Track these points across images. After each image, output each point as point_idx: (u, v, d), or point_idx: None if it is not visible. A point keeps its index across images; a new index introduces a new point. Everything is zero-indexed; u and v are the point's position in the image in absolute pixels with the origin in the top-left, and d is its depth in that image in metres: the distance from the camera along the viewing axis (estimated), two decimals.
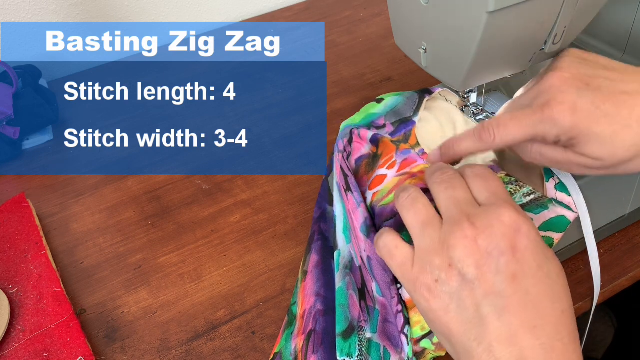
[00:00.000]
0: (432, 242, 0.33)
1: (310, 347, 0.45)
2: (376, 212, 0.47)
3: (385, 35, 0.89)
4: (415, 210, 0.35)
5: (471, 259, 0.31)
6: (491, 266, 0.31)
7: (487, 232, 0.32)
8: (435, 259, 0.33)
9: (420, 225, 0.35)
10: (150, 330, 0.50)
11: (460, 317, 0.32)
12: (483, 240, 0.32)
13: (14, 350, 0.48)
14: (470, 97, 0.52)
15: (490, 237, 0.32)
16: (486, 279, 0.31)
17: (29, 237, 0.58)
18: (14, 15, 0.83)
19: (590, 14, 0.48)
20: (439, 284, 0.32)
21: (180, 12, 0.95)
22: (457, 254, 0.32)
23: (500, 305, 0.31)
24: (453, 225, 0.33)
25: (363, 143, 0.53)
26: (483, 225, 0.32)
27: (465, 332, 0.31)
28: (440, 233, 0.33)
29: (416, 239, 0.35)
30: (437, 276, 0.32)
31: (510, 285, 0.31)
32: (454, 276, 0.32)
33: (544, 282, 0.31)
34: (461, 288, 0.32)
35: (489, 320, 0.31)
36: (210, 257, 0.57)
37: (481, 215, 0.33)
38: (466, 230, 0.32)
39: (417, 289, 0.33)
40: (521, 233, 0.32)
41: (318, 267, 0.50)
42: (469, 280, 0.31)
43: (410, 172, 0.48)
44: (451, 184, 0.36)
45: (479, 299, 0.31)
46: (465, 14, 0.42)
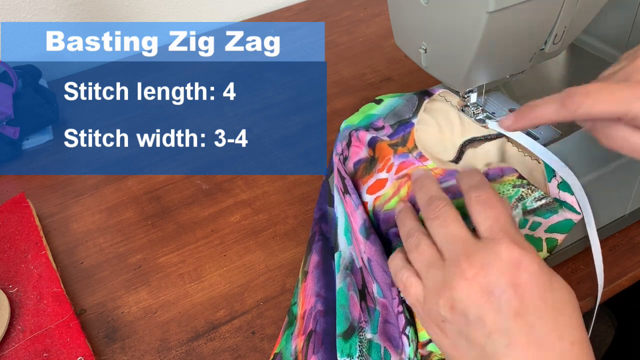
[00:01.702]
0: (436, 283, 0.34)
1: (310, 348, 0.45)
2: (381, 217, 0.47)
3: (385, 35, 0.89)
4: (419, 252, 0.36)
5: (471, 300, 0.32)
6: (493, 304, 0.31)
7: (485, 270, 0.32)
8: (440, 300, 0.33)
9: (425, 267, 0.35)
10: (150, 330, 0.50)
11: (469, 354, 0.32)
12: (483, 279, 0.32)
13: (14, 350, 0.48)
14: (470, 97, 0.52)
15: (489, 275, 0.31)
16: (489, 317, 0.31)
17: (29, 237, 0.58)
18: (14, 15, 0.83)
19: (590, 14, 0.48)
20: (446, 324, 0.33)
21: (180, 12, 0.95)
22: (458, 296, 0.32)
23: (504, 344, 0.30)
24: (452, 267, 0.33)
25: (361, 146, 0.52)
26: (481, 264, 0.32)
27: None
28: (443, 273, 0.34)
29: (423, 280, 0.35)
30: (443, 317, 0.33)
31: (514, 323, 0.30)
32: (457, 316, 0.32)
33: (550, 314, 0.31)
34: (467, 328, 0.32)
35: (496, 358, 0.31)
36: (210, 257, 0.57)
37: (479, 253, 0.32)
38: (465, 271, 0.32)
39: (429, 326, 0.35)
40: (521, 268, 0.31)
41: (319, 267, 0.50)
42: (472, 320, 0.31)
43: (408, 173, 0.48)
44: (444, 220, 0.36)
45: (483, 339, 0.31)
46: (465, 14, 0.42)
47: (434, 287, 0.34)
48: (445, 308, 0.33)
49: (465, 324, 0.32)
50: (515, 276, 0.31)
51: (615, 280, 0.50)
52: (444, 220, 0.36)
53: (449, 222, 0.35)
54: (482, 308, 0.31)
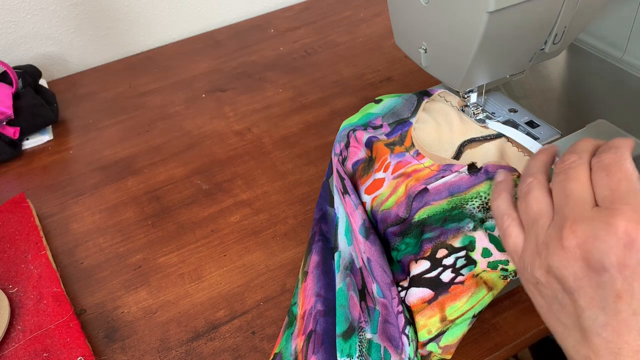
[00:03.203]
0: (536, 242, 0.31)
1: (310, 348, 0.45)
2: (378, 217, 0.47)
3: (385, 35, 0.89)
4: (527, 203, 0.33)
5: (569, 270, 0.29)
6: (591, 280, 0.29)
7: (589, 243, 0.28)
8: (536, 261, 0.31)
9: (530, 221, 0.33)
10: (150, 330, 0.50)
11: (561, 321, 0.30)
12: (584, 251, 0.29)
13: (14, 350, 0.48)
14: (470, 97, 0.52)
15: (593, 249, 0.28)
16: (586, 292, 0.29)
17: (29, 237, 0.58)
18: (14, 15, 0.83)
19: (590, 14, 0.48)
20: (540, 286, 0.31)
21: (180, 12, 0.95)
22: (555, 263, 0.30)
23: (601, 322, 0.28)
24: (556, 230, 0.30)
25: (360, 147, 0.52)
26: (586, 235, 0.29)
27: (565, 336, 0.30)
28: (545, 234, 0.31)
29: (526, 232, 0.33)
30: (537, 279, 0.31)
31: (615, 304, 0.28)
32: (553, 282, 0.30)
33: None
34: (562, 295, 0.30)
35: (589, 335, 0.29)
36: (210, 257, 0.57)
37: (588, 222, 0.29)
38: (566, 238, 0.29)
39: (524, 281, 0.33)
40: (634, 248, 0.27)
41: (319, 267, 0.50)
42: (568, 289, 0.29)
43: (405, 172, 0.48)
44: (568, 175, 0.32)
45: (579, 310, 0.29)
46: (465, 14, 0.42)
47: (533, 246, 0.32)
48: (540, 271, 0.31)
49: (560, 290, 0.30)
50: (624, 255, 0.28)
51: None
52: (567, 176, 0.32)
53: (573, 179, 0.31)
54: (580, 280, 0.29)
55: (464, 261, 0.43)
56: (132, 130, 0.75)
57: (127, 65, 0.90)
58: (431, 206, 0.44)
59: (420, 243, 0.44)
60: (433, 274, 0.43)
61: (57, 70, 0.90)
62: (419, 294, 0.43)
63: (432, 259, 0.43)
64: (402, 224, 0.45)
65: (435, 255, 0.43)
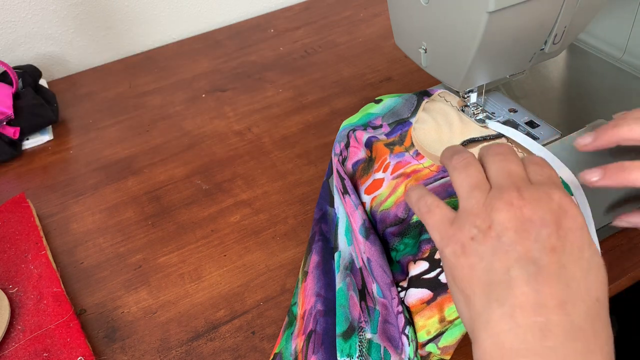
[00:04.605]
0: (477, 204, 0.33)
1: (310, 348, 0.45)
2: (377, 218, 0.47)
3: (385, 35, 0.89)
4: (468, 173, 0.35)
5: (512, 223, 0.31)
6: (531, 233, 0.30)
7: (534, 204, 0.31)
8: (477, 219, 0.32)
9: (469, 188, 0.34)
10: (150, 330, 0.50)
11: (486, 277, 0.31)
12: (528, 210, 0.31)
13: (14, 350, 0.48)
14: (470, 97, 0.52)
15: (536, 209, 0.31)
16: (524, 244, 0.30)
17: (29, 237, 0.58)
18: (14, 15, 0.83)
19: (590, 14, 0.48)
20: (474, 241, 0.32)
21: (179, 12, 0.95)
22: (500, 217, 0.31)
23: (532, 271, 0.29)
24: (501, 192, 0.32)
25: (360, 147, 0.53)
26: (531, 197, 0.31)
27: (487, 292, 0.30)
28: (486, 197, 0.33)
29: (462, 201, 0.34)
30: (474, 234, 0.32)
31: (547, 256, 0.30)
32: (490, 237, 0.31)
33: (583, 265, 0.30)
34: (495, 250, 0.31)
35: (517, 284, 0.29)
36: (210, 257, 0.57)
37: (531, 190, 0.32)
38: (513, 199, 0.32)
39: (449, 244, 0.33)
40: (568, 215, 0.31)
41: (319, 267, 0.50)
42: (505, 243, 0.31)
43: (404, 172, 0.48)
44: (507, 157, 0.35)
45: (510, 262, 0.30)
46: (465, 14, 0.42)
47: (473, 208, 0.33)
48: (482, 227, 0.32)
49: (495, 245, 0.31)
50: (561, 218, 0.31)
51: (614, 280, 0.50)
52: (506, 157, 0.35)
53: (511, 160, 0.34)
54: (520, 234, 0.30)
55: None
56: (132, 130, 0.75)
57: (127, 65, 0.90)
58: None
59: (419, 244, 0.44)
60: (432, 275, 0.43)
61: (57, 70, 0.90)
62: (417, 295, 0.43)
63: (431, 259, 0.43)
64: (401, 225, 0.45)
65: (434, 256, 0.43)
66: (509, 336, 0.28)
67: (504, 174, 0.34)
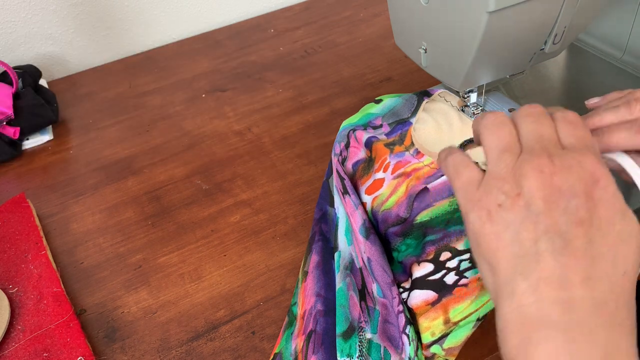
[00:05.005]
0: (507, 168, 0.32)
1: (310, 348, 0.45)
2: (379, 218, 0.47)
3: (385, 35, 0.89)
4: (499, 135, 0.33)
5: (542, 192, 0.30)
6: (560, 204, 0.30)
7: (564, 172, 0.30)
8: (505, 185, 0.31)
9: (499, 151, 0.33)
10: (150, 330, 0.50)
11: (512, 247, 0.30)
12: (559, 178, 0.30)
13: (14, 350, 0.48)
14: (470, 97, 0.52)
15: (567, 177, 0.30)
16: (552, 215, 0.29)
17: (29, 237, 0.58)
18: (14, 15, 0.83)
19: (590, 14, 0.48)
20: (502, 209, 0.31)
21: (179, 12, 0.95)
22: (529, 185, 0.30)
23: (559, 245, 0.29)
24: (532, 157, 0.31)
25: (359, 147, 0.53)
26: (562, 165, 0.30)
27: (513, 264, 0.30)
28: (516, 162, 0.32)
29: (491, 163, 0.33)
30: (502, 201, 0.31)
31: (575, 229, 0.29)
32: (519, 206, 0.30)
33: (612, 238, 0.29)
34: (523, 219, 0.30)
35: (543, 258, 0.29)
36: (210, 257, 0.57)
37: (562, 156, 0.31)
38: (544, 165, 0.30)
39: (475, 209, 0.32)
40: (599, 184, 0.30)
41: (319, 267, 0.50)
42: (534, 213, 0.30)
43: (405, 172, 0.48)
44: (538, 119, 0.33)
45: (538, 234, 0.29)
46: (465, 14, 0.42)
47: (502, 172, 0.32)
48: (510, 194, 0.31)
49: (524, 214, 0.30)
50: (591, 188, 0.30)
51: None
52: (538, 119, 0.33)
53: (543, 122, 0.33)
54: (549, 204, 0.30)
55: (468, 264, 0.43)
56: (132, 130, 0.75)
57: (127, 65, 0.90)
58: (433, 208, 0.44)
59: (422, 245, 0.44)
60: (437, 277, 0.43)
61: (57, 70, 0.90)
62: (422, 296, 0.43)
63: (436, 261, 0.43)
64: (403, 225, 0.45)
65: (438, 258, 0.43)
66: (531, 309, 0.28)
67: (536, 137, 0.32)
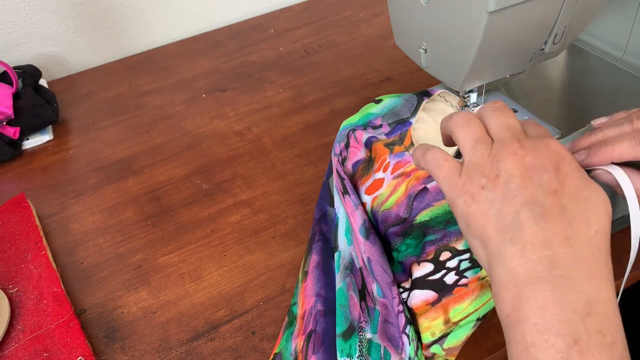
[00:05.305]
0: (483, 156, 0.36)
1: (310, 348, 0.45)
2: (379, 218, 0.47)
3: (385, 35, 0.89)
4: (470, 129, 0.38)
5: (517, 171, 0.34)
6: (534, 179, 0.34)
7: (534, 152, 0.34)
8: (485, 170, 0.35)
9: (473, 142, 0.37)
10: (150, 330, 0.50)
11: (498, 221, 0.34)
12: (530, 158, 0.34)
13: (14, 350, 0.48)
14: (470, 97, 0.52)
15: (537, 156, 0.34)
16: (528, 189, 0.33)
17: (29, 237, 0.58)
18: (14, 15, 0.83)
19: (590, 14, 0.48)
20: (484, 190, 0.35)
21: (179, 12, 0.95)
22: (505, 166, 0.34)
23: (538, 212, 0.33)
24: (504, 144, 0.35)
25: (359, 147, 0.52)
26: (531, 147, 0.35)
27: (501, 234, 0.33)
28: (491, 149, 0.36)
29: (467, 154, 0.37)
30: (483, 183, 0.35)
31: (550, 198, 0.33)
32: (499, 185, 0.34)
33: (581, 203, 0.33)
34: (504, 196, 0.34)
35: (526, 224, 0.32)
36: (210, 257, 0.57)
37: (530, 141, 0.35)
38: (516, 149, 0.35)
39: (460, 195, 0.36)
40: (565, 160, 0.34)
41: (319, 267, 0.50)
42: (512, 189, 0.34)
43: (404, 172, 0.48)
44: (503, 112, 0.38)
45: (518, 206, 0.33)
46: (465, 14, 0.42)
47: (480, 160, 0.36)
48: (490, 176, 0.35)
49: (504, 192, 0.34)
50: (559, 163, 0.34)
51: (615, 280, 0.49)
52: (504, 113, 0.38)
53: (508, 115, 0.38)
54: (525, 180, 0.34)
55: (468, 264, 0.43)
56: (132, 130, 0.75)
57: (127, 65, 0.90)
58: (433, 207, 0.44)
59: (422, 245, 0.44)
60: (437, 277, 0.43)
61: (57, 70, 0.90)
62: (422, 296, 0.43)
63: (436, 261, 0.43)
64: (403, 224, 0.45)
65: (438, 258, 0.43)
66: (522, 269, 0.32)
67: (504, 127, 0.37)
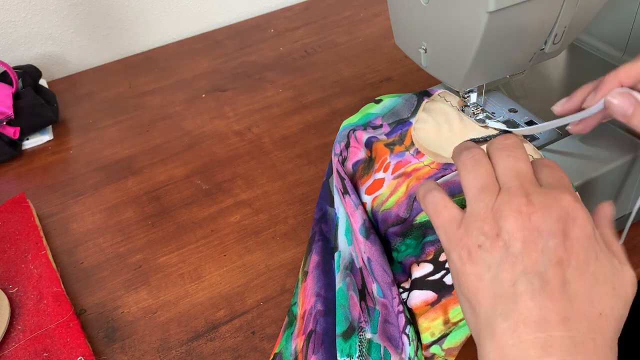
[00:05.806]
0: (485, 208, 0.32)
1: (310, 348, 0.45)
2: (379, 218, 0.47)
3: (385, 35, 0.89)
4: (477, 174, 0.34)
5: (520, 233, 0.30)
6: (538, 244, 0.30)
7: (542, 211, 0.31)
8: (485, 225, 0.32)
9: (478, 190, 0.33)
10: (150, 330, 0.50)
11: (492, 288, 0.31)
12: (537, 218, 0.30)
13: (14, 350, 0.48)
14: (470, 97, 0.52)
15: (544, 216, 0.30)
16: (531, 257, 0.30)
17: (29, 237, 0.58)
18: (14, 15, 0.83)
19: (590, 14, 0.48)
20: (481, 250, 0.31)
21: (179, 12, 0.95)
22: (508, 226, 0.31)
23: (537, 286, 0.29)
24: (510, 197, 0.32)
25: (360, 147, 0.52)
26: (540, 204, 0.31)
27: (493, 304, 0.30)
28: (495, 202, 0.32)
29: (470, 203, 0.33)
30: (481, 242, 0.31)
31: (553, 269, 0.30)
32: (498, 247, 0.31)
33: (587, 279, 0.30)
34: (502, 260, 0.30)
35: (522, 299, 0.29)
36: (210, 257, 0.57)
37: (540, 195, 0.31)
38: (522, 205, 0.31)
39: (456, 249, 0.32)
40: (576, 223, 0.31)
41: (319, 267, 0.50)
42: (513, 254, 0.30)
43: (405, 172, 0.48)
44: (515, 154, 0.34)
45: (517, 275, 0.30)
46: (465, 14, 0.42)
47: (481, 212, 0.32)
48: (490, 234, 0.31)
49: (502, 255, 0.31)
50: (569, 227, 0.30)
51: None
52: (515, 154, 0.34)
53: (519, 157, 0.34)
54: (527, 245, 0.30)
55: None
56: (132, 130, 0.75)
57: (127, 65, 0.90)
58: None
59: (422, 245, 0.44)
60: (436, 277, 0.43)
61: (57, 70, 0.90)
62: (422, 297, 0.43)
63: (435, 262, 0.43)
64: (403, 225, 0.45)
65: (438, 258, 0.43)
66: (512, 350, 0.29)
67: (512, 174, 0.33)
